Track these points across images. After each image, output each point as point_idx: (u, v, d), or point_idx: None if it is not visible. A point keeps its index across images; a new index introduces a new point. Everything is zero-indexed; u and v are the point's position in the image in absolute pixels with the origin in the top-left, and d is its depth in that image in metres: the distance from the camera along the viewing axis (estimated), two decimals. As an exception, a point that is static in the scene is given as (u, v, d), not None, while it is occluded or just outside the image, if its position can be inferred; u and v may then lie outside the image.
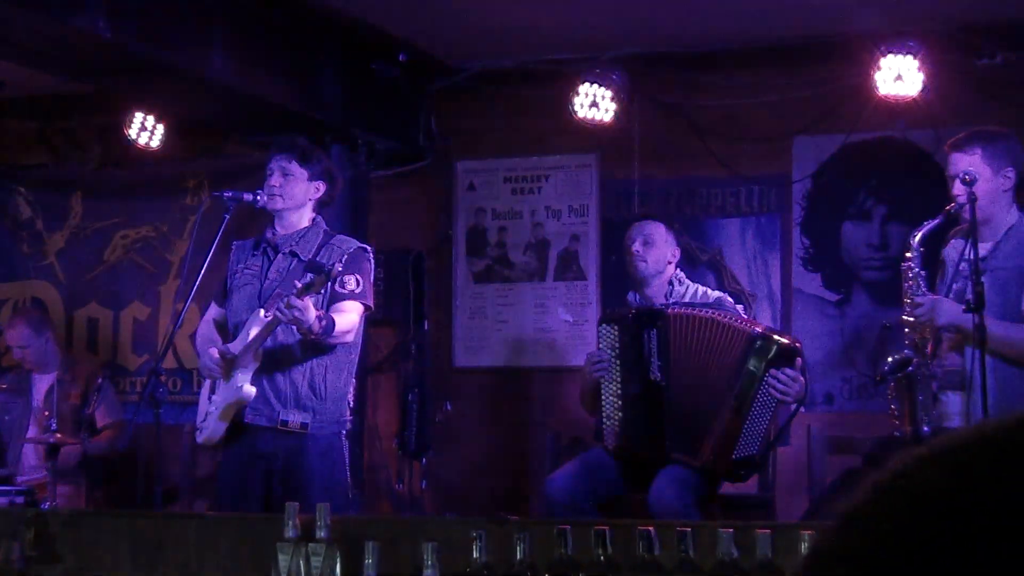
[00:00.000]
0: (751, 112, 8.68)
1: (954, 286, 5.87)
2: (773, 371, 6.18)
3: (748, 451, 6.27)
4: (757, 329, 6.36)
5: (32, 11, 6.70)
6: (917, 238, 5.85)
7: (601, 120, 8.52)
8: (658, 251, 6.73)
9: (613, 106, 8.47)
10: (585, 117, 8.51)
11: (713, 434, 6.27)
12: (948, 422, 5.72)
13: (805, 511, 7.08)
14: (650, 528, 3.83)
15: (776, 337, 6.37)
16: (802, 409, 6.57)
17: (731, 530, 3.77)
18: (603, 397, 6.51)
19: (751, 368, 6.22)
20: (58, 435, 7.68)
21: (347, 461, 6.24)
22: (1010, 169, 5.86)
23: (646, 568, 3.80)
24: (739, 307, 6.85)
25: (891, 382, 5.82)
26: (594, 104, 8.49)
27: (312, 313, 5.72)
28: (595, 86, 8.44)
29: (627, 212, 8.84)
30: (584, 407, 6.86)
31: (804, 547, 3.70)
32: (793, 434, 7.61)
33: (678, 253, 6.87)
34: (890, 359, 5.82)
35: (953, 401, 5.82)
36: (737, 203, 8.82)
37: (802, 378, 6.22)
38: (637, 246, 6.74)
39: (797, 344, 6.35)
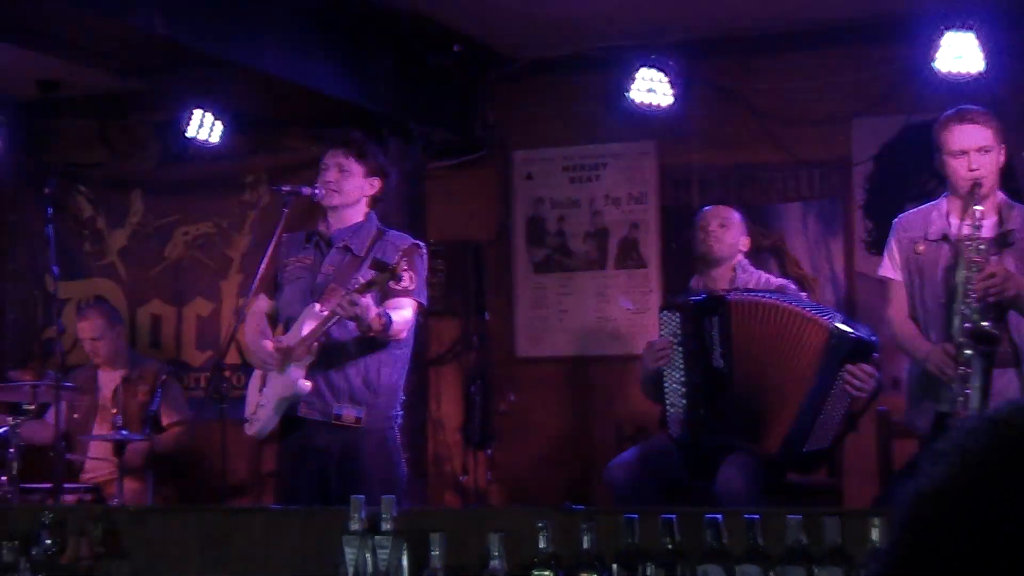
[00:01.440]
0: (810, 94, 8.61)
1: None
2: (849, 366, 6.09)
3: (820, 445, 6.20)
4: (834, 323, 6.23)
5: (88, 9, 6.73)
6: (979, 211, 5.78)
7: (658, 106, 8.47)
8: (732, 235, 6.74)
9: (670, 92, 8.42)
10: (643, 104, 8.47)
11: (782, 425, 6.20)
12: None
13: (875, 497, 7.02)
14: (718, 516, 3.80)
15: (853, 331, 6.27)
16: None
17: (799, 517, 3.74)
18: (666, 385, 6.47)
19: (826, 362, 6.14)
20: (124, 432, 7.73)
21: (401, 454, 6.24)
22: (1003, 146, 5.90)
23: (714, 556, 3.77)
24: (803, 294, 6.79)
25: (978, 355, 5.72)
26: (651, 90, 8.44)
27: (373, 310, 5.72)
28: (652, 72, 8.40)
29: (686, 198, 8.81)
30: (645, 395, 6.84)
31: (874, 533, 3.66)
32: (862, 420, 7.55)
33: (747, 243, 6.86)
34: (975, 327, 5.72)
35: (1009, 378, 5.78)
36: (798, 187, 8.76)
37: (878, 373, 6.15)
38: (714, 226, 6.75)
39: (873, 338, 6.26)
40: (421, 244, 6.26)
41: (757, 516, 3.79)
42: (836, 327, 6.18)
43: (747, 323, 6.31)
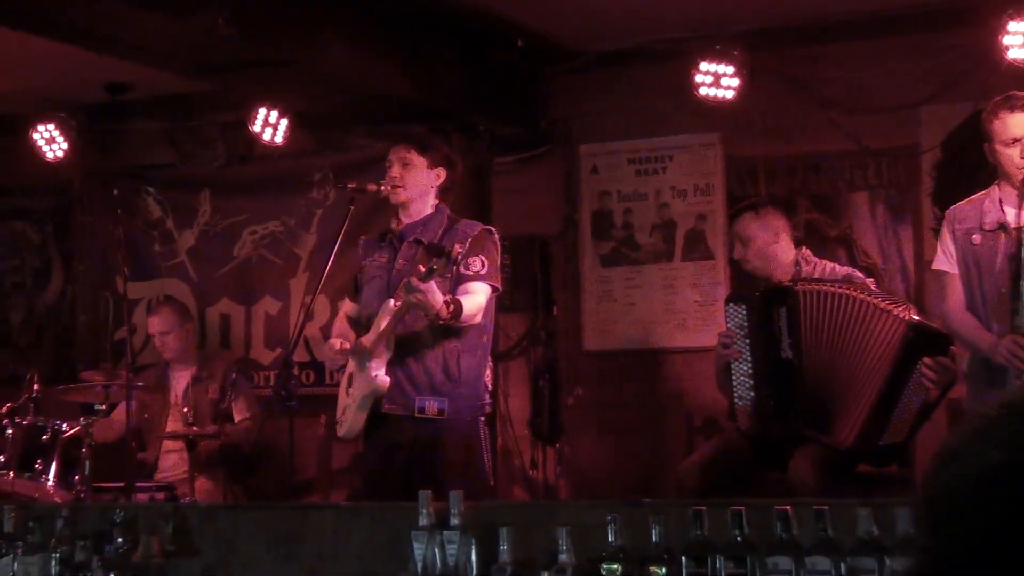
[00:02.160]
0: (877, 82, 8.54)
1: None
2: (927, 360, 6.04)
3: (896, 438, 6.15)
4: (910, 315, 6.19)
5: (154, 11, 6.77)
6: None
7: (723, 97, 8.43)
8: (756, 244, 6.65)
9: (735, 82, 8.38)
10: (707, 95, 8.43)
11: (857, 418, 6.15)
12: None
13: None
14: (787, 507, 3.77)
15: (929, 325, 6.22)
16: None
17: (870, 508, 3.70)
18: (734, 377, 6.44)
19: (904, 356, 6.08)
20: (195, 430, 7.77)
21: (485, 446, 6.21)
22: None
23: (784, 548, 3.74)
24: (869, 280, 6.72)
25: None
26: (716, 82, 8.40)
27: (438, 297, 5.70)
28: (716, 63, 8.36)
29: (753, 189, 8.76)
30: (719, 389, 6.79)
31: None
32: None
33: (784, 225, 6.72)
34: None
35: None
36: (865, 176, 8.69)
37: (954, 367, 6.10)
38: (738, 251, 6.72)
39: (945, 336, 6.20)
40: (492, 230, 6.24)
41: (827, 507, 3.76)
42: (915, 320, 6.12)
43: (816, 313, 6.26)
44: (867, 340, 6.19)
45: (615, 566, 3.88)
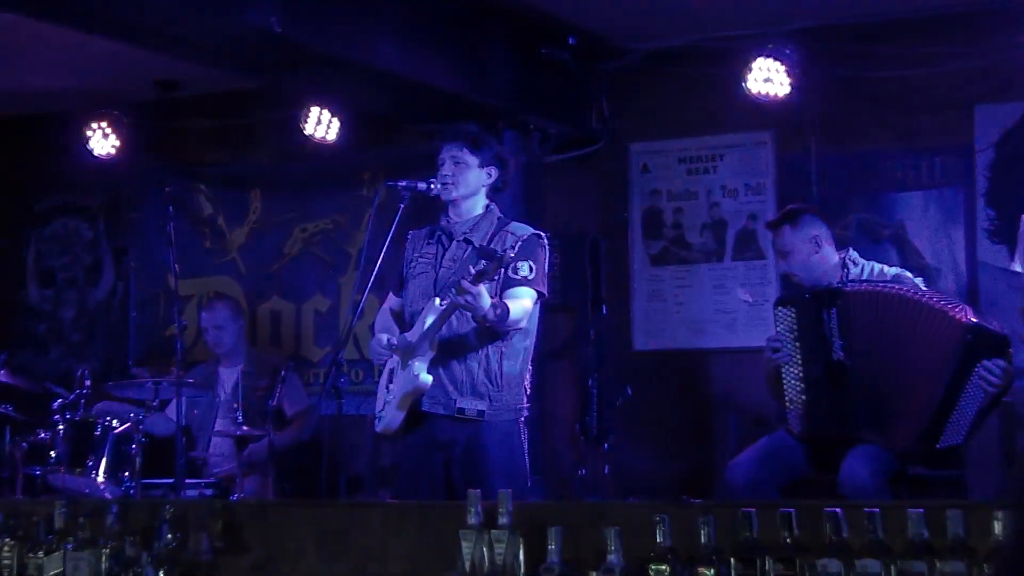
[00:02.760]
0: (929, 82, 8.49)
1: None
2: (986, 362, 6.00)
3: (954, 440, 6.11)
4: (968, 317, 6.12)
5: (206, 8, 6.80)
6: None
7: (776, 96, 8.41)
8: (795, 255, 6.60)
9: (787, 81, 8.35)
10: (759, 93, 8.40)
11: (916, 420, 6.12)
12: None
13: (998, 488, 6.91)
14: (837, 509, 3.75)
15: (987, 327, 6.16)
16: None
17: (921, 510, 3.68)
18: (785, 381, 6.41)
19: (963, 358, 6.04)
20: (245, 427, 7.80)
21: (526, 448, 6.20)
22: None
23: (834, 550, 3.73)
24: (918, 279, 6.67)
25: None
26: (768, 80, 8.38)
27: (486, 300, 5.69)
28: (768, 61, 8.34)
29: (805, 189, 8.72)
30: (770, 394, 6.76)
31: (997, 527, 3.60)
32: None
33: (824, 231, 6.66)
34: None
35: None
36: (918, 176, 8.64)
37: (1011, 369, 6.06)
38: (781, 264, 6.70)
39: (1005, 331, 6.16)
40: (542, 234, 6.22)
41: (878, 509, 3.73)
42: (973, 322, 6.07)
43: (868, 314, 6.22)
44: (921, 341, 6.15)
45: (663, 567, 3.87)
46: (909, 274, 6.65)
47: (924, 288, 6.51)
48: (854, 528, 3.74)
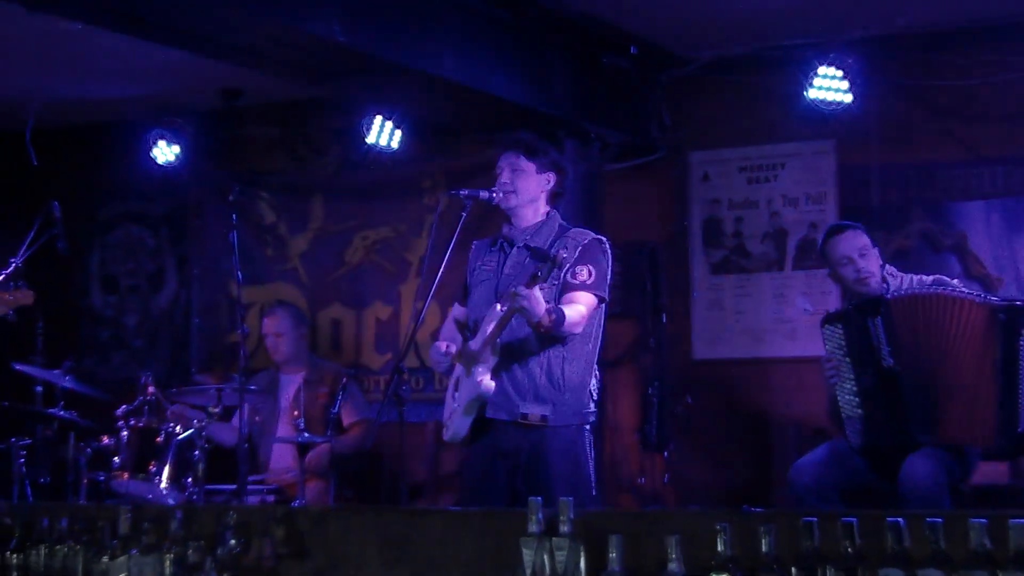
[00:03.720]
0: (992, 91, 8.45)
1: None
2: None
3: None
4: (991, 300, 6.24)
5: (269, 18, 6.85)
6: None
7: (837, 105, 8.39)
8: (869, 258, 6.62)
9: (849, 90, 8.33)
10: (820, 102, 8.39)
11: (984, 415, 6.11)
12: None
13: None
14: (899, 519, 3.75)
15: (1016, 303, 6.24)
16: None
17: (984, 520, 3.66)
18: (839, 397, 6.42)
19: (1003, 338, 6.08)
20: (306, 435, 7.83)
21: (591, 455, 6.20)
22: None
23: (895, 560, 3.71)
24: (954, 281, 6.67)
25: None
26: (830, 88, 8.36)
27: (541, 305, 5.69)
28: (830, 70, 8.32)
29: (866, 198, 8.70)
30: (831, 422, 6.77)
31: (1061, 537, 3.58)
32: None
33: (867, 241, 6.70)
34: None
35: None
36: (980, 185, 8.60)
37: None
38: (832, 274, 6.69)
39: None
40: (603, 239, 6.22)
41: (940, 519, 3.72)
42: (997, 302, 6.19)
43: (910, 318, 6.25)
44: (962, 335, 6.18)
45: (724, 576, 3.87)
46: (946, 278, 6.66)
47: (961, 287, 6.52)
48: (916, 538, 3.73)
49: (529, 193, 6.18)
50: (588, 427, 6.16)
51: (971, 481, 6.55)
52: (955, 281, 6.62)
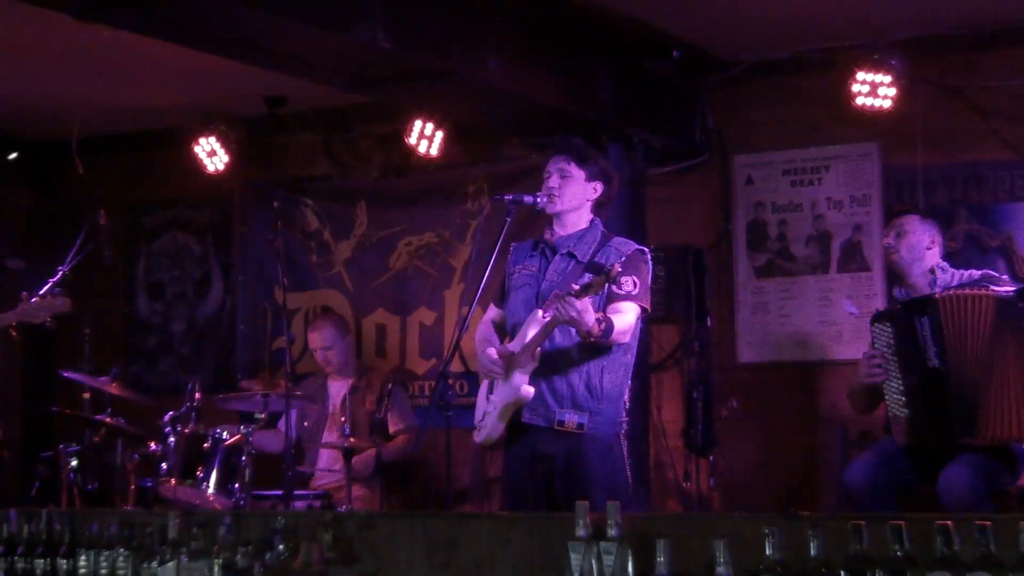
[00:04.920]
0: (1038, 91, 8.41)
1: None
2: None
3: None
4: (1019, 287, 6.31)
5: (314, 26, 6.88)
6: None
7: (881, 107, 8.38)
8: (911, 239, 6.65)
9: (893, 91, 8.32)
10: (864, 104, 8.38)
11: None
12: None
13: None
14: (948, 523, 3.73)
15: None
16: None
17: (1034, 523, 3.66)
18: (886, 395, 6.42)
19: None
20: (352, 440, 7.85)
21: (627, 461, 6.21)
22: None
23: (945, 564, 3.70)
24: (1004, 277, 6.67)
25: None
26: (873, 91, 8.34)
27: (592, 315, 5.71)
28: (873, 72, 8.30)
29: (911, 200, 8.66)
30: (852, 406, 6.80)
31: (1112, 539, 3.57)
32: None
33: (939, 239, 6.75)
34: None
35: None
36: (1027, 186, 8.56)
37: None
38: (890, 240, 6.72)
39: None
40: (646, 250, 6.23)
41: (989, 523, 3.71)
42: (1016, 290, 6.25)
43: (957, 318, 6.24)
44: (1001, 331, 6.16)
45: (773, 579, 3.87)
46: (995, 273, 6.66)
47: (1009, 284, 6.51)
48: (965, 541, 3.72)
49: (575, 199, 6.19)
50: (623, 433, 6.18)
51: (1020, 483, 6.52)
52: (1004, 277, 6.62)
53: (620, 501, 4.26)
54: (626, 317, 5.97)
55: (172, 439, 7.90)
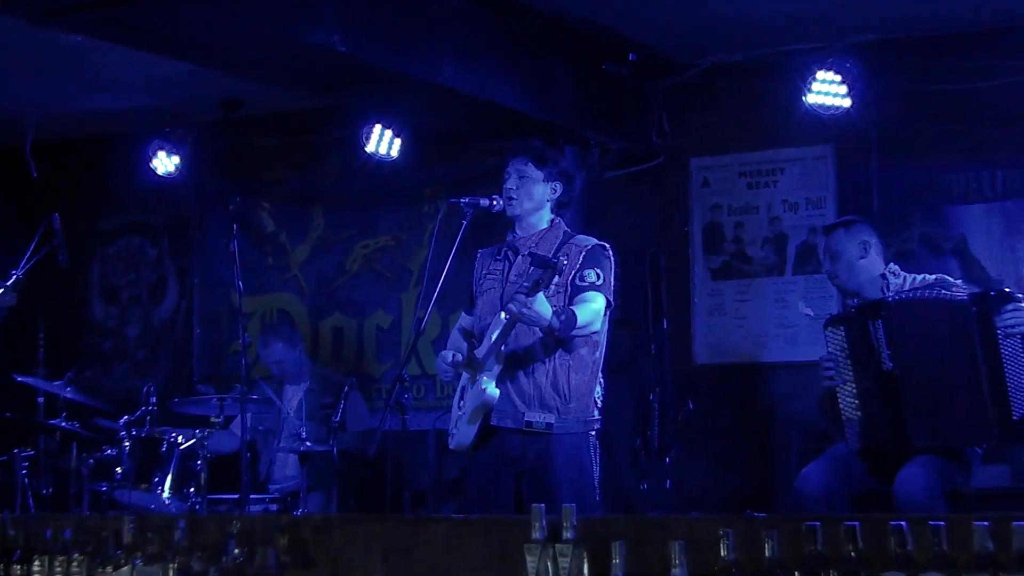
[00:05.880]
0: (991, 95, 8.44)
1: None
2: (999, 318, 6.10)
3: None
4: (966, 294, 6.32)
5: (269, 29, 6.87)
6: None
7: (836, 110, 8.41)
8: (844, 258, 6.67)
9: (848, 95, 8.35)
10: (820, 107, 8.40)
11: (979, 410, 6.13)
12: None
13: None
14: (902, 523, 3.75)
15: (980, 291, 6.39)
16: None
17: (987, 523, 3.67)
18: (840, 400, 6.44)
19: (981, 330, 6.13)
20: (308, 443, 7.84)
21: (596, 462, 6.21)
22: None
23: (899, 564, 3.72)
24: (958, 282, 6.70)
25: None
26: (828, 94, 8.37)
27: (546, 308, 5.70)
28: (829, 75, 8.33)
29: (866, 202, 8.71)
30: (822, 414, 6.81)
31: (1063, 539, 3.59)
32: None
33: (873, 241, 6.71)
34: None
35: None
36: (980, 189, 8.60)
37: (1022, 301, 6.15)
38: (827, 266, 6.76)
39: (1006, 288, 6.35)
40: (606, 245, 6.24)
41: (943, 523, 3.73)
42: (969, 295, 6.26)
43: (910, 322, 6.28)
44: (952, 335, 6.22)
45: (729, 581, 3.88)
46: (949, 278, 6.68)
47: (962, 287, 6.55)
48: (919, 541, 3.74)
49: (534, 200, 6.19)
50: (593, 434, 6.17)
51: (973, 484, 6.55)
52: (959, 282, 6.64)
53: (587, 503, 4.27)
54: (591, 306, 5.96)
55: (127, 444, 7.88)
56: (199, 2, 6.53)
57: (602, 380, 6.23)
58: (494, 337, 5.95)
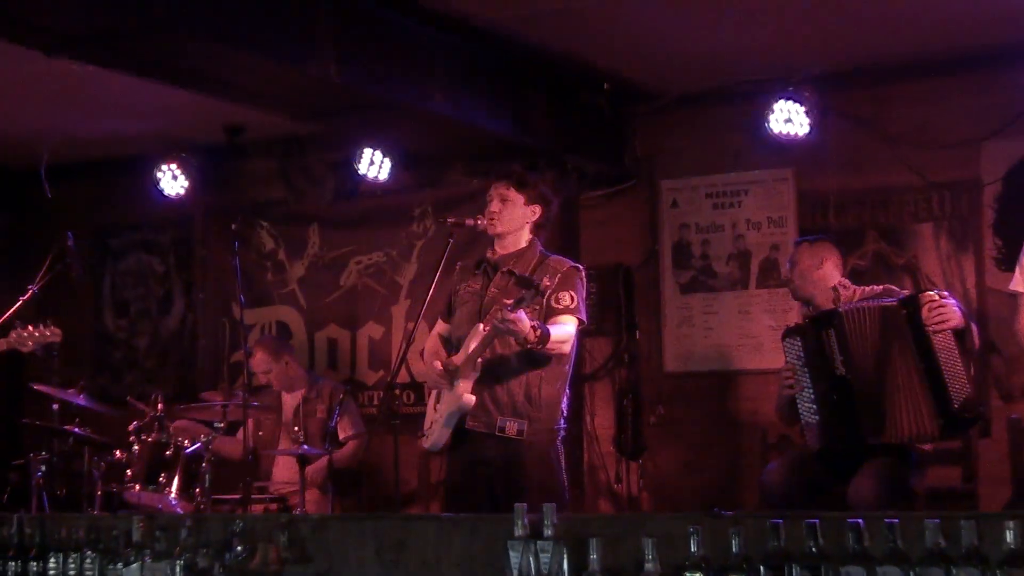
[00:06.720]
0: (940, 120, 8.48)
1: None
2: (924, 314, 6.15)
3: (964, 393, 6.13)
4: (900, 297, 6.42)
5: (270, 60, 6.87)
6: None
7: (796, 135, 8.45)
8: (800, 267, 6.76)
9: (807, 121, 8.39)
10: (781, 133, 8.44)
11: (922, 406, 6.16)
12: None
13: (1008, 501, 6.89)
14: (859, 520, 3.76)
15: (912, 293, 6.49)
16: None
17: (937, 520, 3.68)
18: (799, 405, 6.48)
19: (914, 330, 6.19)
20: (305, 448, 7.83)
21: (563, 465, 6.23)
22: None
23: (857, 559, 3.73)
24: (905, 292, 6.74)
25: None
26: (789, 120, 8.42)
27: (526, 323, 5.73)
28: (789, 103, 8.38)
29: (823, 221, 8.73)
30: (780, 419, 6.85)
31: (1008, 536, 3.60)
32: (995, 426, 7.44)
33: (832, 258, 6.78)
34: None
35: None
36: (930, 208, 8.63)
37: (949, 298, 6.22)
38: (786, 271, 6.85)
39: (926, 289, 6.55)
40: (580, 267, 6.26)
41: (897, 520, 3.74)
42: (899, 299, 6.37)
43: (859, 329, 6.35)
44: (892, 339, 6.25)
45: (697, 575, 3.88)
46: (895, 287, 6.73)
47: (904, 294, 6.59)
48: (875, 538, 3.74)
49: (515, 222, 6.20)
50: (559, 439, 6.19)
51: (926, 484, 6.58)
52: (904, 291, 6.68)
53: (557, 501, 4.28)
54: (564, 328, 5.99)
55: (136, 447, 7.87)
56: (204, 36, 6.53)
57: (568, 391, 6.24)
58: (472, 347, 5.97)
